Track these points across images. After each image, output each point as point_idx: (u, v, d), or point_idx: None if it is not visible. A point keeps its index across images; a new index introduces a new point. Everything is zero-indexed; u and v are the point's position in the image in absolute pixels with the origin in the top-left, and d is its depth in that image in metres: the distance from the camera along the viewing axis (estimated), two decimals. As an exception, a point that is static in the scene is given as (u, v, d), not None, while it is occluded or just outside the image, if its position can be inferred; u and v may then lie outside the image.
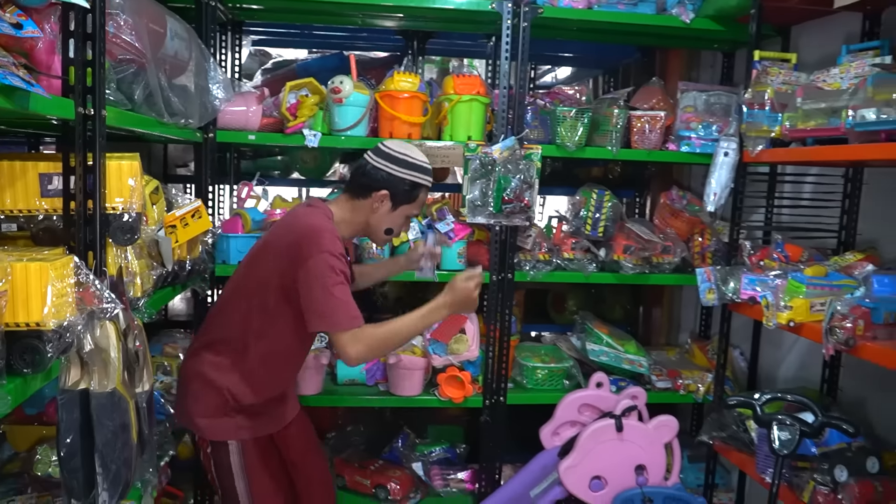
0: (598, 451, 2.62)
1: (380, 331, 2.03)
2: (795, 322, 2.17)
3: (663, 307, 3.72)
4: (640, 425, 2.66)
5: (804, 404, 2.03)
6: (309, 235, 2.01)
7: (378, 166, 2.14)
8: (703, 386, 3.07)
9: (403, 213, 2.18)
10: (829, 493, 2.09)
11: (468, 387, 2.88)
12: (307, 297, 1.97)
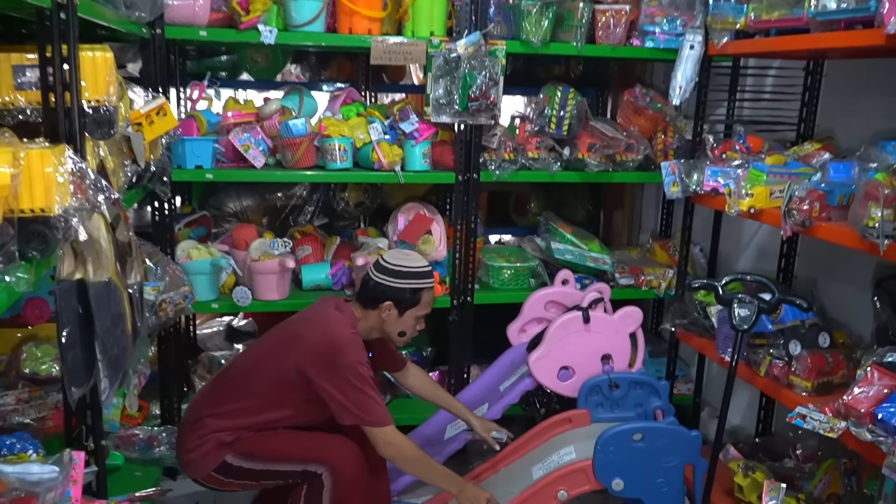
0: (566, 343, 2.87)
1: (416, 452, 2.38)
2: (756, 208, 2.43)
3: (624, 208, 3.97)
4: (605, 316, 2.91)
5: (762, 283, 2.31)
6: (339, 346, 2.32)
7: (379, 281, 2.42)
8: (665, 281, 3.36)
9: (412, 315, 2.45)
10: (783, 365, 2.40)
11: (436, 287, 3.02)
12: (339, 395, 2.28)
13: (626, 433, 2.41)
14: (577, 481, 2.46)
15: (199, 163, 2.90)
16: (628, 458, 2.41)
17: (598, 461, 2.41)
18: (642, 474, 2.43)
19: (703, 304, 2.87)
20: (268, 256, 3.01)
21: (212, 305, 3.03)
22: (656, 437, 2.42)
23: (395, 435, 2.34)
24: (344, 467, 2.34)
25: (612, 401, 2.80)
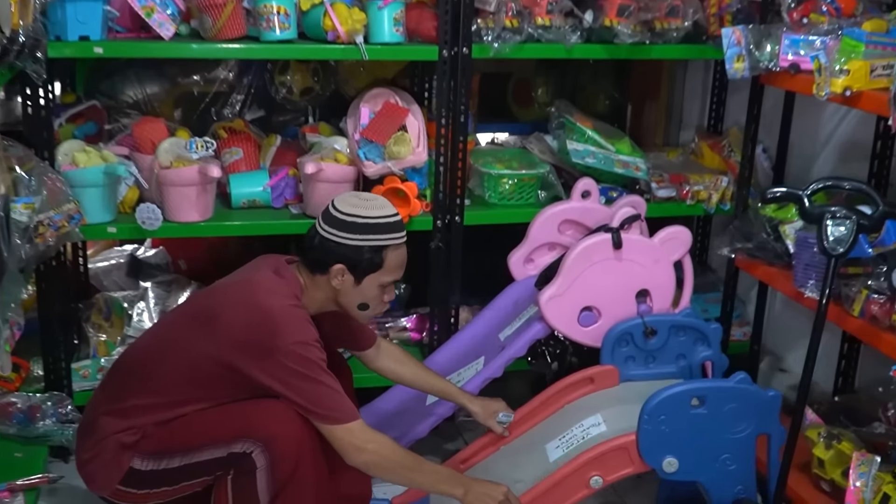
0: (590, 275, 2.76)
1: (399, 453, 2.29)
2: (852, 90, 2.29)
3: (660, 97, 3.84)
4: (643, 240, 2.81)
5: (862, 192, 2.18)
6: (272, 323, 2.19)
7: (327, 237, 2.28)
8: (717, 192, 3.25)
9: (374, 282, 2.32)
10: (885, 301, 2.29)
11: (414, 203, 2.93)
12: (281, 389, 2.19)
13: (682, 396, 2.30)
14: (616, 463, 2.36)
15: (84, 32, 2.68)
16: (684, 430, 2.30)
17: (644, 435, 2.30)
18: (702, 450, 2.33)
19: (775, 221, 2.77)
20: (183, 162, 2.83)
21: (107, 230, 2.86)
22: (722, 399, 2.31)
23: (366, 433, 2.25)
24: (280, 437, 2.20)
25: (646, 352, 2.71)
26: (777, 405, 2.37)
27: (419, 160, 2.92)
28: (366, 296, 2.35)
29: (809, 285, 2.49)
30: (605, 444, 2.35)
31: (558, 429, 2.58)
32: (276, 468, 2.21)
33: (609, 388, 2.68)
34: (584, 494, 2.37)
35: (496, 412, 2.63)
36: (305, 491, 2.26)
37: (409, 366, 2.70)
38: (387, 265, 2.31)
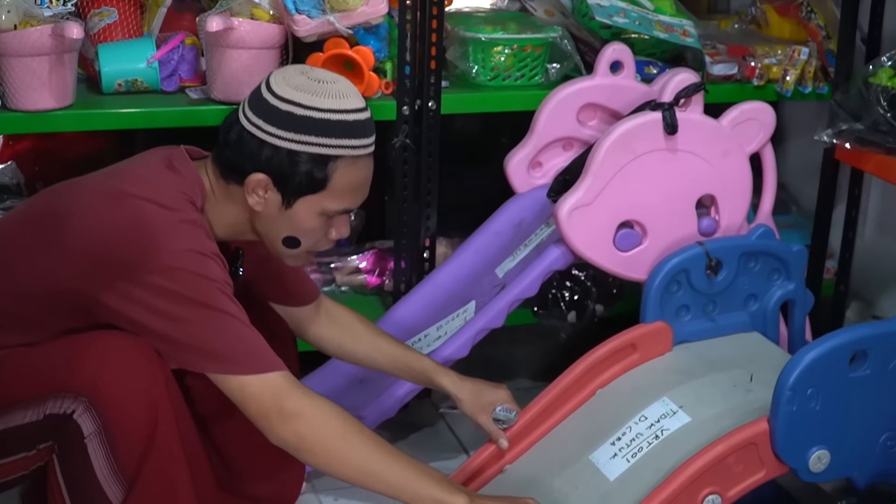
0: (631, 175, 2.20)
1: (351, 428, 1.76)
2: None
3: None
4: (708, 121, 2.25)
5: None
6: (147, 232, 1.70)
7: (250, 129, 1.77)
8: (795, 69, 2.70)
9: (312, 209, 1.81)
10: None
11: (369, 77, 2.33)
12: (157, 323, 1.70)
13: (839, 353, 1.74)
14: (741, 469, 1.78)
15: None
16: (839, 406, 1.77)
17: (785, 420, 1.73)
18: (860, 431, 1.82)
19: (893, 92, 2.22)
20: (31, 22, 2.22)
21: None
22: (889, 351, 1.78)
23: (296, 392, 1.72)
24: (114, 384, 1.65)
25: (707, 297, 2.19)
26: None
27: (375, 12, 2.30)
28: (297, 227, 1.81)
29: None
30: (724, 443, 1.76)
31: (602, 430, 1.99)
32: (114, 436, 1.66)
33: (659, 358, 2.14)
34: None
35: (492, 404, 2.06)
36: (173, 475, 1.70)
37: (360, 331, 2.18)
38: (333, 185, 1.77)
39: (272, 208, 1.79)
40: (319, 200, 1.79)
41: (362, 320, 2.19)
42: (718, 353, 2.09)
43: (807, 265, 2.24)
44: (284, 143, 1.73)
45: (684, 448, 1.80)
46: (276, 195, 1.77)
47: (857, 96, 2.24)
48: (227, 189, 1.82)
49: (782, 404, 1.72)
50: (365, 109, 1.79)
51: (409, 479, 1.74)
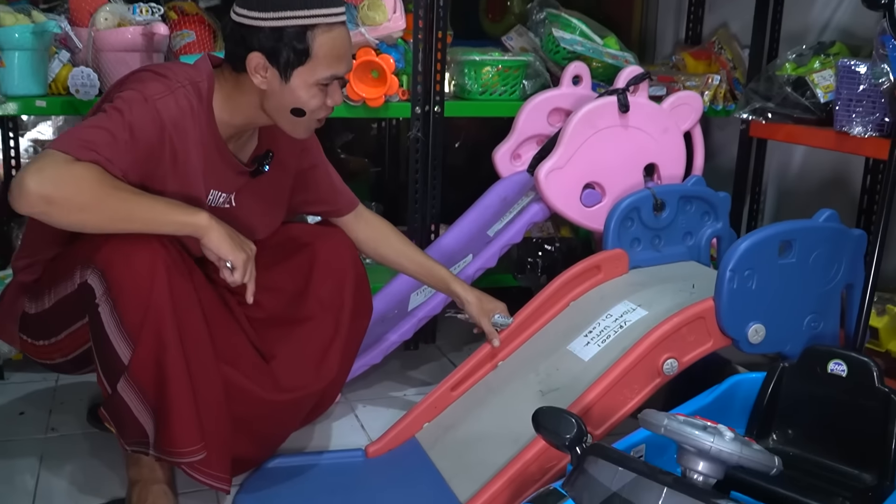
0: (594, 145, 2.19)
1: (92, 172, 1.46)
2: None
3: (634, 13, 3.34)
4: (651, 104, 2.25)
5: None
6: (135, 75, 1.64)
7: (239, 20, 1.62)
8: (709, 90, 2.70)
9: (307, 80, 1.64)
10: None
11: (391, 79, 2.31)
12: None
13: (770, 242, 1.70)
14: (693, 339, 1.72)
15: None
16: (771, 287, 1.72)
17: (728, 296, 1.69)
18: (789, 311, 1.76)
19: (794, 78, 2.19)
20: (126, 24, 2.19)
21: (36, 103, 2.14)
22: (810, 243, 1.74)
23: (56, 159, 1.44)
24: (116, 251, 1.51)
25: (653, 232, 2.12)
26: (863, 247, 1.82)
27: (397, 27, 2.30)
28: (298, 98, 1.64)
29: (855, 120, 1.91)
30: (678, 316, 1.70)
31: (576, 327, 1.93)
32: (116, 296, 1.50)
33: (619, 277, 2.08)
34: (658, 384, 1.71)
35: (493, 311, 1.98)
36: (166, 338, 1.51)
37: (393, 239, 2.03)
38: (316, 53, 1.61)
39: (274, 85, 1.63)
40: (310, 70, 1.63)
41: (396, 231, 2.05)
42: (665, 273, 2.04)
43: (730, 209, 2.19)
44: (266, 22, 1.58)
45: (644, 331, 1.73)
46: (274, 72, 1.62)
47: (766, 83, 2.22)
48: (238, 80, 1.66)
49: (725, 283, 1.67)
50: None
51: (156, 213, 1.52)
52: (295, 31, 1.59)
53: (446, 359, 2.53)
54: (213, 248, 1.54)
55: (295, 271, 1.85)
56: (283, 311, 1.85)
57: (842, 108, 1.95)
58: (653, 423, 1.22)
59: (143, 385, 1.53)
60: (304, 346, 1.83)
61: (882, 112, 1.90)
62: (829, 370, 1.56)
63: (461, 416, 1.89)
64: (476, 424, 1.84)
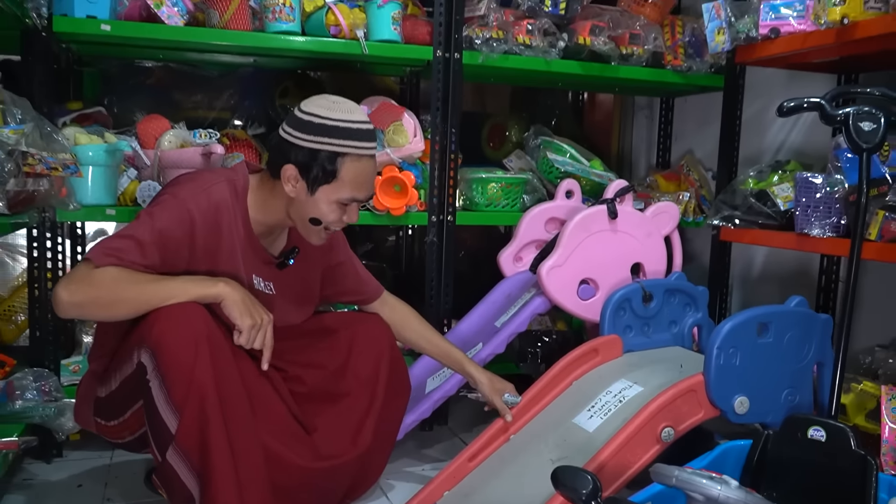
0: (588, 247, 2.21)
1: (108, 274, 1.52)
2: (849, 18, 1.83)
3: (612, 142, 3.39)
4: (636, 212, 2.28)
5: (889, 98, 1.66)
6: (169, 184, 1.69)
7: (284, 136, 1.67)
8: (681, 205, 2.71)
9: (329, 196, 1.66)
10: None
11: (411, 192, 2.34)
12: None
13: (750, 324, 1.69)
14: (686, 409, 1.69)
15: (92, 13, 2.11)
16: (753, 363, 1.70)
17: (715, 371, 1.67)
18: (769, 385, 1.73)
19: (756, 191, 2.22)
20: (187, 145, 2.21)
21: (106, 212, 2.16)
22: (784, 325, 1.72)
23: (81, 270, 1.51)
24: (164, 333, 1.49)
25: (643, 320, 2.10)
26: (830, 329, 1.79)
27: (417, 149, 2.34)
28: (318, 210, 1.66)
29: (813, 224, 1.93)
30: (672, 389, 1.67)
31: (579, 403, 1.88)
32: (164, 372, 1.49)
33: (615, 360, 2.04)
34: (657, 450, 1.66)
35: (503, 390, 1.94)
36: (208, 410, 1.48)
37: (416, 323, 2.00)
38: (342, 177, 1.63)
39: (301, 195, 1.64)
40: (334, 190, 1.64)
41: (418, 316, 2.01)
42: (655, 356, 2.02)
43: (708, 301, 2.17)
44: (306, 143, 1.61)
45: (641, 404, 1.70)
46: (303, 184, 1.63)
47: (732, 195, 2.24)
48: (273, 186, 1.68)
49: (713, 359, 1.66)
50: (367, 122, 1.66)
51: (173, 292, 1.53)
52: (328, 154, 1.62)
53: (458, 438, 2.46)
54: (227, 312, 1.55)
55: (335, 351, 1.83)
56: (323, 386, 1.81)
57: (801, 214, 1.97)
58: (665, 474, 1.18)
59: (188, 453, 1.50)
60: (341, 418, 1.79)
61: (837, 216, 1.92)
62: (810, 436, 1.52)
63: (478, 485, 1.82)
64: (493, 491, 1.77)
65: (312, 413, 1.78)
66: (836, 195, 1.89)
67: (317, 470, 1.69)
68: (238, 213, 1.66)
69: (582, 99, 3.46)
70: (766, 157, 2.67)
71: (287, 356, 1.80)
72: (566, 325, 2.71)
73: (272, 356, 1.64)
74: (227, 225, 1.63)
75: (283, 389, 1.76)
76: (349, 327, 1.87)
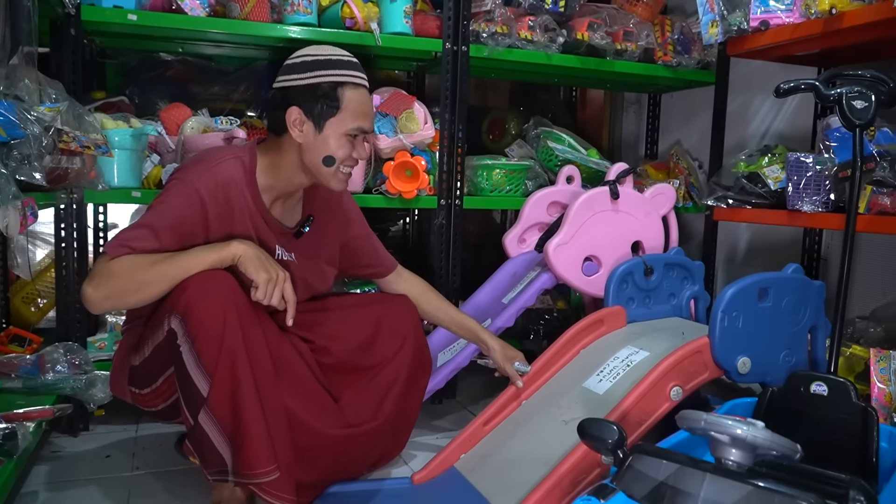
0: (591, 225, 2.21)
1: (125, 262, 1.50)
2: (837, 9, 1.85)
3: (602, 134, 3.41)
4: (636, 193, 2.28)
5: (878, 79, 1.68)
6: (177, 169, 1.64)
7: (281, 85, 1.62)
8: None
9: (337, 130, 1.60)
10: (891, 192, 1.76)
11: (423, 176, 2.33)
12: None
13: (751, 289, 1.70)
14: (692, 369, 1.69)
15: (119, 2, 2.08)
16: (754, 326, 1.71)
17: (720, 334, 1.68)
18: (768, 347, 1.75)
19: (748, 173, 2.24)
20: (209, 131, 2.19)
21: (132, 194, 2.13)
22: (782, 291, 1.74)
23: (99, 266, 1.50)
24: (192, 299, 1.46)
25: (644, 292, 2.10)
26: (823, 295, 1.81)
27: (428, 135, 2.34)
28: (329, 147, 1.59)
29: (805, 200, 1.95)
30: (681, 350, 1.67)
31: (588, 369, 1.87)
32: (194, 337, 1.46)
33: (619, 329, 2.04)
34: (667, 408, 1.66)
35: (514, 357, 1.92)
36: (239, 373, 1.45)
37: (431, 296, 1.97)
38: (346, 106, 1.58)
39: (309, 137, 1.59)
40: (339, 121, 1.58)
41: (432, 289, 1.98)
42: (657, 325, 2.02)
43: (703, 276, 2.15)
44: (304, 80, 1.57)
45: (649, 367, 1.69)
46: (310, 124, 1.58)
47: (726, 177, 2.26)
48: (279, 143, 1.62)
49: (717, 322, 1.66)
50: (353, 58, 1.63)
51: (190, 264, 1.49)
52: (328, 86, 1.57)
53: (466, 410, 2.44)
54: (243, 269, 1.51)
55: (363, 327, 1.79)
56: (349, 359, 1.78)
57: (793, 192, 1.99)
58: (693, 418, 1.18)
59: (220, 415, 1.46)
60: (365, 390, 1.76)
61: (826, 193, 1.94)
62: (812, 391, 1.53)
63: (494, 446, 1.82)
64: (509, 452, 1.77)
65: (338, 384, 1.75)
66: (826, 173, 1.91)
67: (337, 437, 1.66)
68: (247, 188, 1.60)
69: (575, 95, 3.47)
70: (751, 144, 2.69)
71: (314, 328, 1.77)
72: (566, 303, 2.71)
73: (300, 323, 1.62)
74: (237, 201, 1.59)
75: (310, 357, 1.73)
76: (377, 304, 1.85)
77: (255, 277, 1.50)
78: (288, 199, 1.71)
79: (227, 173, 1.58)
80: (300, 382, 1.66)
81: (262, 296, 1.51)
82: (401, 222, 3.21)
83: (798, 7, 2.02)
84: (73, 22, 2.01)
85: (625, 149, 3.38)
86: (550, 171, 2.68)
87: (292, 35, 2.23)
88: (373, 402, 1.75)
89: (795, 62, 2.39)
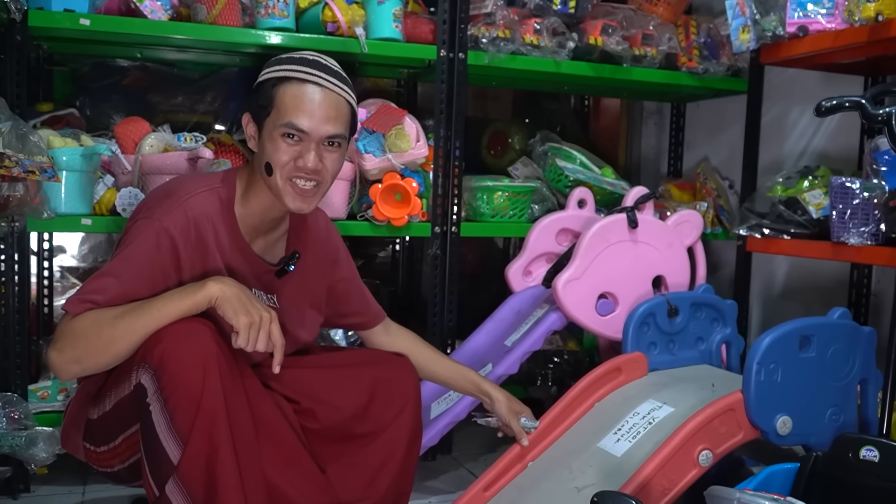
0: (606, 258, 2.21)
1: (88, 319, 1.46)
2: (884, 15, 1.86)
3: (619, 150, 3.42)
4: (657, 221, 2.28)
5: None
6: (142, 204, 1.63)
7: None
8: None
9: (271, 130, 1.56)
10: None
11: (415, 201, 2.32)
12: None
13: (791, 336, 1.67)
14: (724, 430, 1.66)
15: (69, 6, 2.08)
16: (794, 380, 1.68)
17: (755, 388, 1.64)
18: (812, 404, 1.71)
19: (785, 198, 2.25)
20: (171, 150, 2.19)
21: (82, 221, 2.12)
22: (827, 339, 1.71)
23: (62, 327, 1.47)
24: (168, 352, 1.41)
25: (668, 336, 2.08)
26: (874, 343, 1.79)
27: (420, 154, 2.33)
28: (266, 151, 1.55)
29: (851, 231, 1.94)
30: (710, 408, 1.64)
31: (604, 426, 1.84)
32: (167, 396, 1.41)
33: (640, 379, 2.01)
34: (695, 475, 1.62)
35: (520, 412, 1.87)
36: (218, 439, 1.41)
37: (422, 347, 1.93)
38: (279, 102, 1.53)
39: (256, 144, 1.59)
40: (272, 120, 1.55)
41: (423, 341, 1.95)
42: (683, 375, 1.98)
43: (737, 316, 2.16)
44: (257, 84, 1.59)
45: (674, 426, 1.66)
46: (255, 128, 1.59)
47: (760, 202, 2.25)
48: (251, 165, 1.62)
49: (752, 375, 1.63)
50: (316, 55, 1.58)
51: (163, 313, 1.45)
52: (268, 84, 1.56)
53: (464, 468, 2.42)
54: (220, 312, 1.46)
55: (356, 391, 1.75)
56: (339, 427, 1.74)
57: (837, 221, 1.98)
58: (724, 497, 1.16)
59: (191, 486, 1.42)
60: (358, 462, 1.73)
61: (876, 223, 1.94)
62: (862, 456, 1.52)
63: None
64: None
65: (323, 454, 1.72)
66: (874, 200, 1.91)
67: None
68: (223, 223, 1.58)
69: (587, 105, 3.48)
70: (788, 163, 2.69)
71: (300, 387, 1.74)
72: (577, 344, 2.70)
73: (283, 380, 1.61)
74: (211, 239, 1.57)
75: (294, 419, 1.70)
76: (373, 365, 1.81)
77: (234, 322, 1.46)
78: (270, 233, 1.69)
79: (199, 208, 1.55)
80: (283, 447, 1.63)
81: (245, 342, 1.47)
82: (389, 247, 3.20)
83: (840, 12, 2.03)
84: (18, 29, 2.01)
85: (644, 165, 3.39)
86: (559, 194, 2.68)
87: (267, 41, 2.23)
88: (366, 475, 1.72)
89: (839, 70, 2.39)
